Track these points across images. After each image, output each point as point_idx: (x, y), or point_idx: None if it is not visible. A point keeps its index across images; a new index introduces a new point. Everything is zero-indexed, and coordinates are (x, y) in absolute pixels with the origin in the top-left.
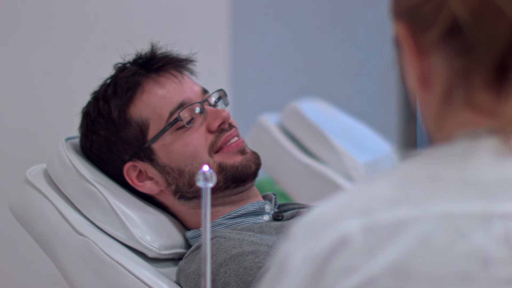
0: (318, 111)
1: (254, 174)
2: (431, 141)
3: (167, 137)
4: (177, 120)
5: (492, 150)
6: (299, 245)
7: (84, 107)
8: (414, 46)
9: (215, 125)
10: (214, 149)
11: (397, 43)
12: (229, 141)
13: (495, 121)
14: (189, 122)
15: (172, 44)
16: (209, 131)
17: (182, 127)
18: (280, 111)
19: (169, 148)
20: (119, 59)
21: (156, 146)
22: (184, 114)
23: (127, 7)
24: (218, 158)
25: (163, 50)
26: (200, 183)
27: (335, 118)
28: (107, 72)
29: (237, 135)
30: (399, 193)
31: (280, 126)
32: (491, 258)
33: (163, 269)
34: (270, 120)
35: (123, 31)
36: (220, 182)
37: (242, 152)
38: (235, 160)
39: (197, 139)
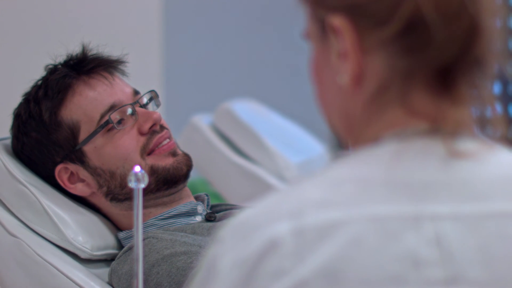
0: (250, 112)
1: (186, 176)
2: (344, 140)
3: (98, 140)
4: (107, 122)
5: (421, 151)
6: (228, 248)
7: (16, 109)
8: (358, 43)
9: (146, 127)
10: (146, 151)
11: (321, 36)
12: (160, 143)
13: (433, 122)
14: (119, 124)
15: (104, 45)
16: (141, 133)
17: (113, 129)
18: (212, 111)
19: (100, 151)
20: (50, 60)
21: (87, 149)
22: (115, 116)
23: (60, 8)
24: (150, 160)
25: (94, 51)
26: (132, 184)
27: (267, 118)
28: (39, 73)
29: (169, 137)
30: (328, 195)
31: (212, 126)
32: (422, 259)
33: (95, 270)
34: (202, 121)
35: (55, 31)
36: (151, 184)
37: (174, 154)
38: (167, 162)
39: (128, 141)
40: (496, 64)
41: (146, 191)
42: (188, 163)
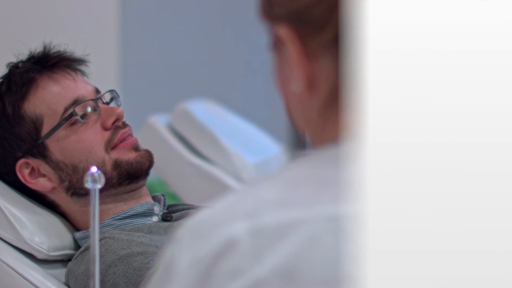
0: (207, 112)
1: (147, 171)
2: (310, 143)
3: (61, 133)
4: (72, 115)
5: None
6: (184, 248)
7: None
8: (302, 50)
9: (109, 122)
10: (111, 146)
11: (275, 47)
12: (124, 138)
13: None
14: (83, 117)
15: (63, 44)
16: (104, 128)
17: (77, 123)
18: (169, 112)
19: (63, 144)
20: (12, 59)
21: (50, 142)
22: (79, 110)
23: (15, 9)
24: (114, 154)
25: (56, 49)
26: (88, 184)
27: (224, 119)
28: (0, 72)
29: (131, 134)
30: (285, 195)
31: (169, 127)
32: None
33: (52, 271)
34: (159, 121)
35: (15, 31)
36: (114, 178)
37: (136, 149)
38: (130, 156)
39: (92, 135)
40: None
41: (108, 185)
42: (150, 159)
